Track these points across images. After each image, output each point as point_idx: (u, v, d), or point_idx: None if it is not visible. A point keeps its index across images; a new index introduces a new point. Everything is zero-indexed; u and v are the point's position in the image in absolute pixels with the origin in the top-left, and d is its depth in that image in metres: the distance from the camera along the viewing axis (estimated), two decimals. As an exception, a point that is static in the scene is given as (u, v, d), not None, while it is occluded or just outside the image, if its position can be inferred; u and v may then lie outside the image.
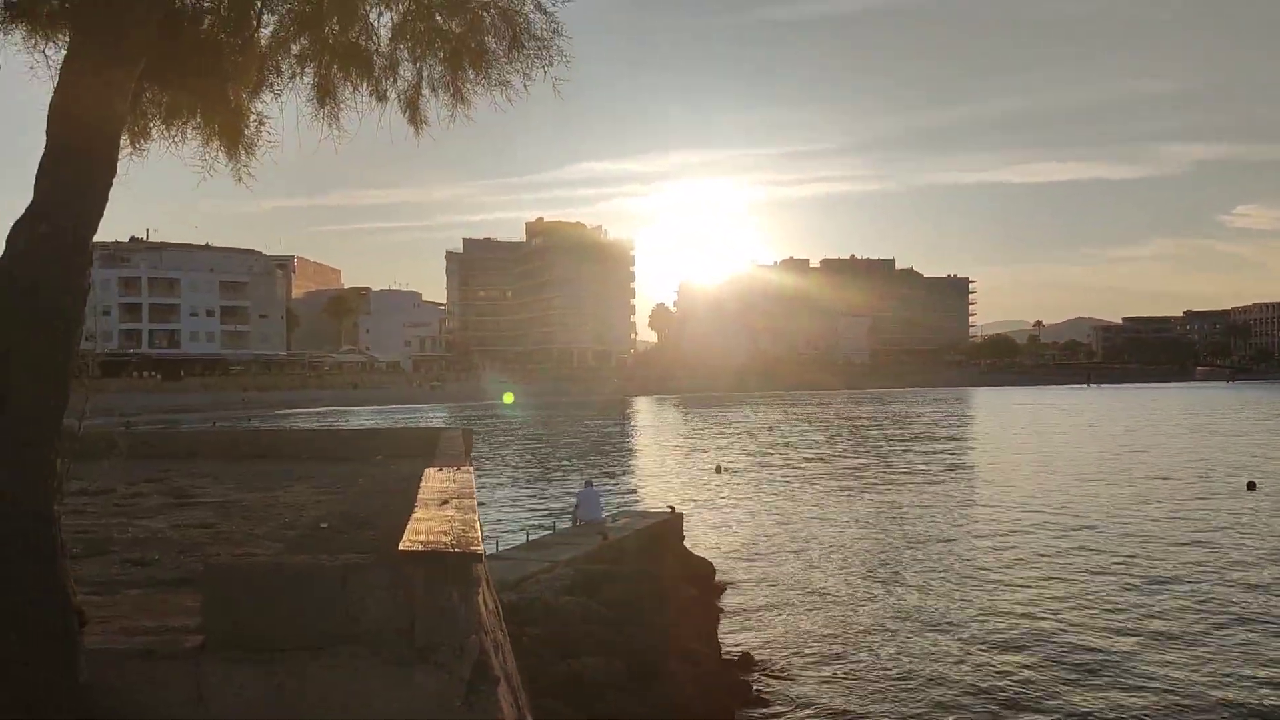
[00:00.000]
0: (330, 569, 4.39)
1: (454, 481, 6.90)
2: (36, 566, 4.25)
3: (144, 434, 23.03)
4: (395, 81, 6.92)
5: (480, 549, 4.47)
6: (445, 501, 5.84)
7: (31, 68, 6.14)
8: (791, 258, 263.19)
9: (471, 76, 6.66)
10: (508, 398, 34.69)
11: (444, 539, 4.59)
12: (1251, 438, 67.96)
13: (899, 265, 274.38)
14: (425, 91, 6.85)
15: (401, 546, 4.45)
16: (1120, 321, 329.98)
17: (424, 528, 4.91)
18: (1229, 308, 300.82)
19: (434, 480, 7.09)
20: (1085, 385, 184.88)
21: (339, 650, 4.33)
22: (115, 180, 5.07)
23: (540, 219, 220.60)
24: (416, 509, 5.66)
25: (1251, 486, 40.20)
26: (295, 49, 6.93)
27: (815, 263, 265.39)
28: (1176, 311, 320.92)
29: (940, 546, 28.42)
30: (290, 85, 7.07)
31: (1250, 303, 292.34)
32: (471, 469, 7.95)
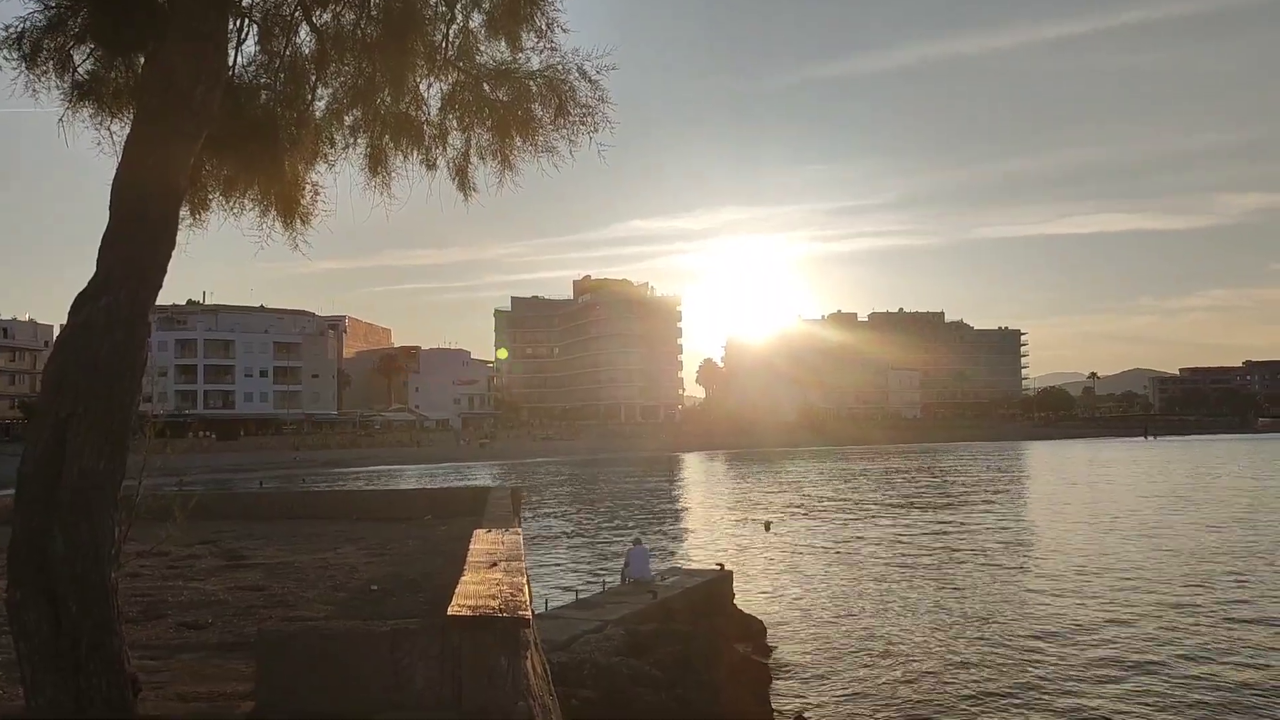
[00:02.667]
0: (379, 635, 4.41)
1: (503, 543, 6.90)
2: (94, 636, 4.31)
3: (199, 494, 23.36)
4: (445, 150, 7.10)
5: (528, 613, 4.46)
6: (494, 564, 5.85)
7: (99, 144, 6.39)
8: (840, 311, 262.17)
9: (519, 144, 6.80)
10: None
11: (492, 603, 4.59)
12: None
13: (949, 318, 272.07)
14: (474, 159, 7.01)
15: (450, 611, 4.46)
16: (1177, 373, 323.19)
17: (472, 591, 4.91)
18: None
19: (482, 542, 7.10)
20: (1143, 438, 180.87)
21: (388, 716, 4.32)
22: (177, 249, 5.23)
23: (587, 277, 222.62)
24: (465, 572, 5.67)
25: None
26: (348, 120, 7.15)
27: (864, 316, 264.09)
28: (1235, 362, 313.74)
29: (995, 609, 27.75)
30: (344, 155, 7.28)
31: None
32: (520, 530, 7.96)
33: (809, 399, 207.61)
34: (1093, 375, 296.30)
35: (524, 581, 5.20)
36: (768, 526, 48.39)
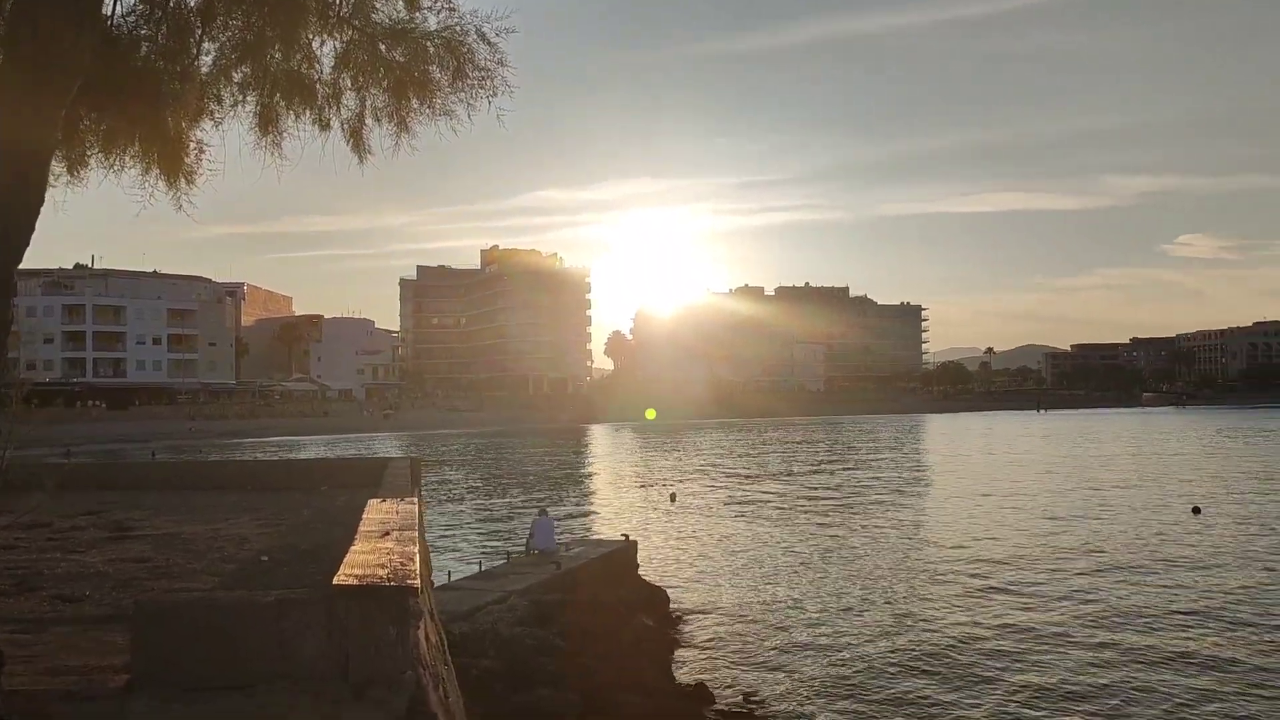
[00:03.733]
0: (263, 605, 4.31)
1: (397, 513, 6.81)
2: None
3: (79, 464, 22.54)
4: (338, 110, 6.91)
5: (417, 582, 4.40)
6: (386, 533, 5.76)
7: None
8: (747, 285, 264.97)
9: (415, 106, 6.66)
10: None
11: (381, 572, 4.53)
12: (1197, 462, 69.32)
13: (853, 293, 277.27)
14: (369, 120, 6.85)
15: (336, 581, 4.38)
16: (1069, 349, 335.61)
17: (361, 561, 4.83)
18: (1173, 335, 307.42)
19: (376, 512, 7.00)
20: (1035, 411, 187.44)
21: (272, 687, 4.23)
22: (55, 207, 4.99)
23: (495, 246, 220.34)
24: (355, 542, 5.58)
25: (1197, 511, 40.91)
26: (237, 77, 6.89)
27: (771, 290, 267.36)
28: (1123, 339, 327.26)
29: (894, 573, 28.55)
30: (232, 113, 7.02)
31: (1193, 330, 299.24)
32: (416, 500, 7.86)
33: (717, 371, 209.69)
34: (989, 350, 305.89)
35: (415, 551, 5.14)
36: (673, 498, 48.85)
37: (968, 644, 20.42)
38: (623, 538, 27.18)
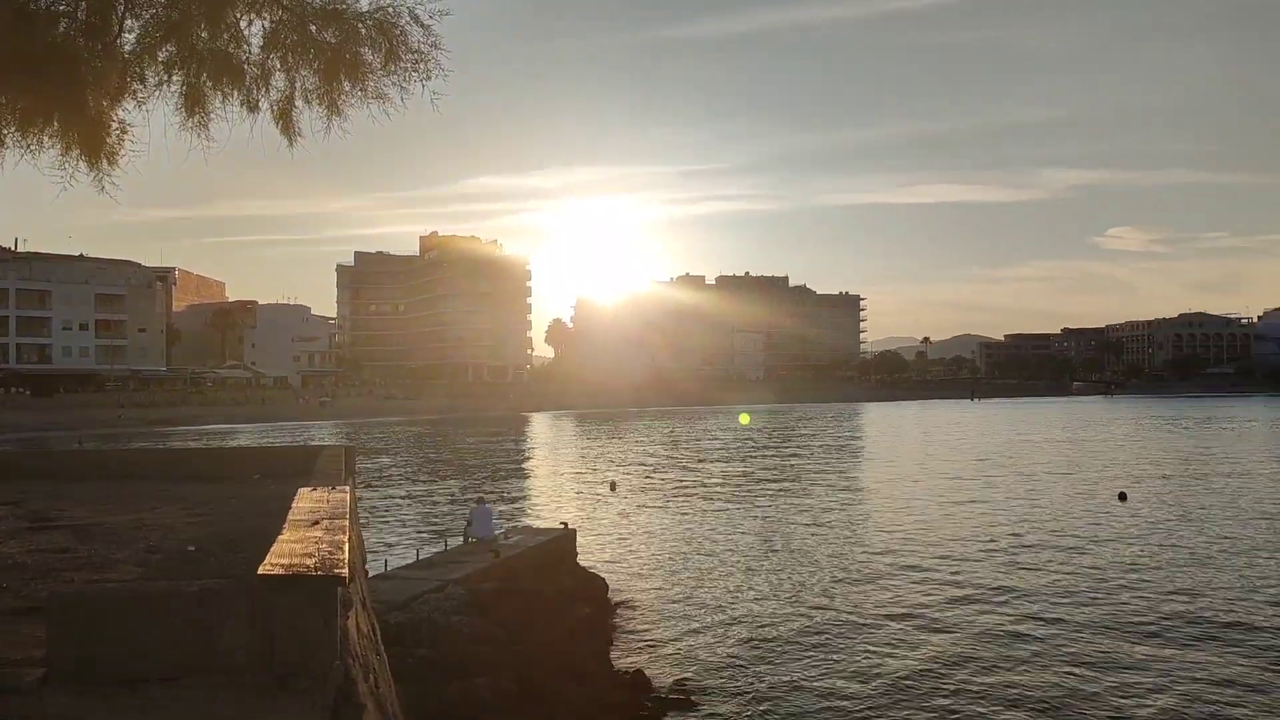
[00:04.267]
0: (185, 595, 4.23)
1: (328, 501, 6.72)
2: None
3: (4, 453, 21.87)
4: (267, 92, 6.75)
5: (345, 571, 4.35)
6: (316, 522, 5.68)
7: None
8: (688, 274, 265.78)
9: (347, 88, 6.53)
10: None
11: (308, 561, 4.46)
12: (1123, 450, 71.20)
13: (793, 282, 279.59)
14: (299, 103, 6.70)
15: (261, 570, 4.31)
16: (1003, 339, 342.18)
17: (288, 550, 4.76)
18: (1103, 325, 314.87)
19: (306, 500, 6.89)
20: (970, 400, 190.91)
21: (194, 680, 4.15)
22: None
23: (434, 233, 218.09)
24: (284, 530, 5.49)
25: (1123, 498, 42.02)
26: (161, 56, 6.70)
27: (711, 279, 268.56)
28: (1055, 329, 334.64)
29: (832, 559, 28.91)
30: (157, 93, 6.83)
31: (1122, 321, 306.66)
32: (348, 488, 7.76)
33: (658, 359, 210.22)
34: (925, 340, 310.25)
35: (345, 539, 5.08)
36: (613, 486, 48.92)
37: (899, 629, 20.77)
38: (562, 526, 27.16)
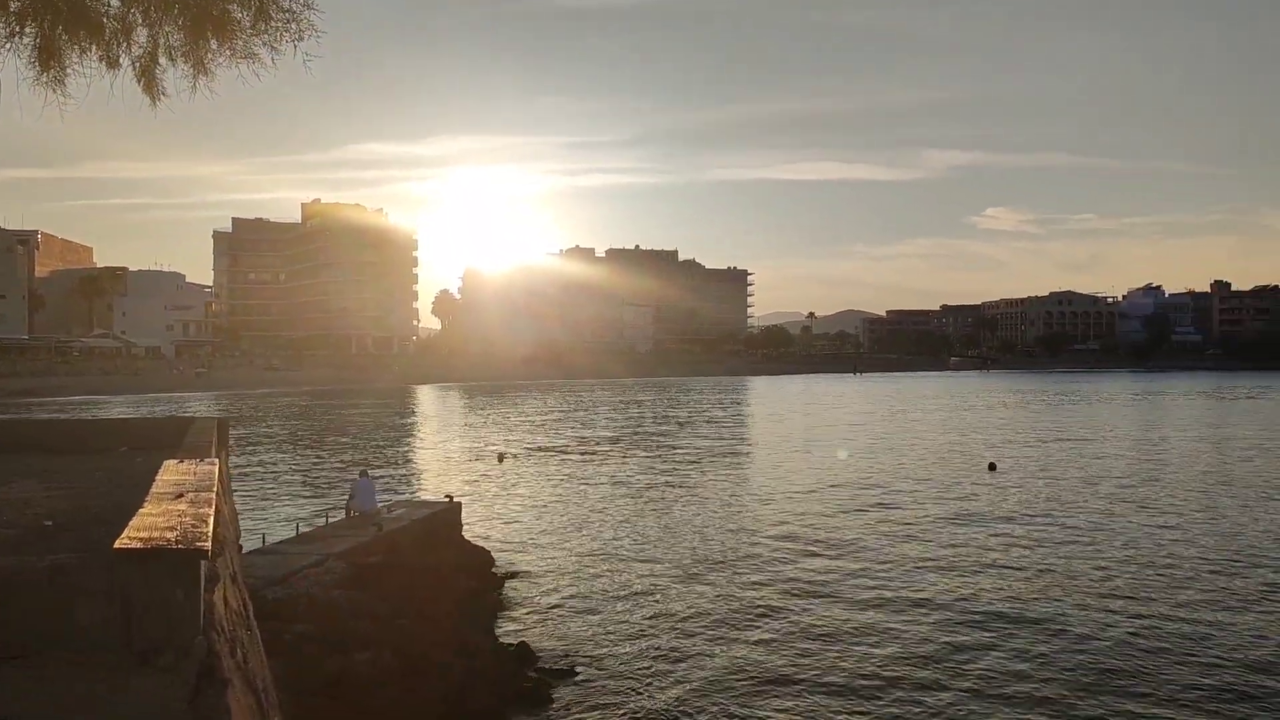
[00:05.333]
0: (35, 570, 4.06)
1: (194, 474, 6.51)
2: None
3: None
4: (129, 47, 6.44)
5: (208, 545, 4.23)
6: (180, 495, 5.51)
7: None
8: (578, 246, 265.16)
9: (214, 46, 6.28)
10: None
11: (169, 535, 4.33)
12: (995, 422, 74.17)
13: (682, 256, 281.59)
14: (162, 60, 6.41)
15: (117, 544, 4.16)
16: (885, 315, 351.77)
17: (149, 524, 4.61)
18: (979, 302, 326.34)
19: (172, 473, 6.67)
20: (853, 374, 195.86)
21: (46, 658, 4.00)
22: None
23: (317, 200, 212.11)
24: (146, 503, 5.31)
25: (992, 468, 43.84)
26: (13, 6, 6.33)
27: (601, 252, 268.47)
28: (934, 306, 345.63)
29: (716, 530, 29.41)
30: (8, 46, 6.45)
31: (997, 298, 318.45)
32: (217, 461, 7.53)
33: (547, 332, 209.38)
34: (811, 315, 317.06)
35: (210, 513, 4.94)
36: (501, 458, 48.70)
37: (779, 597, 21.29)
38: (447, 499, 26.96)
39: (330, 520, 23.95)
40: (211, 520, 4.77)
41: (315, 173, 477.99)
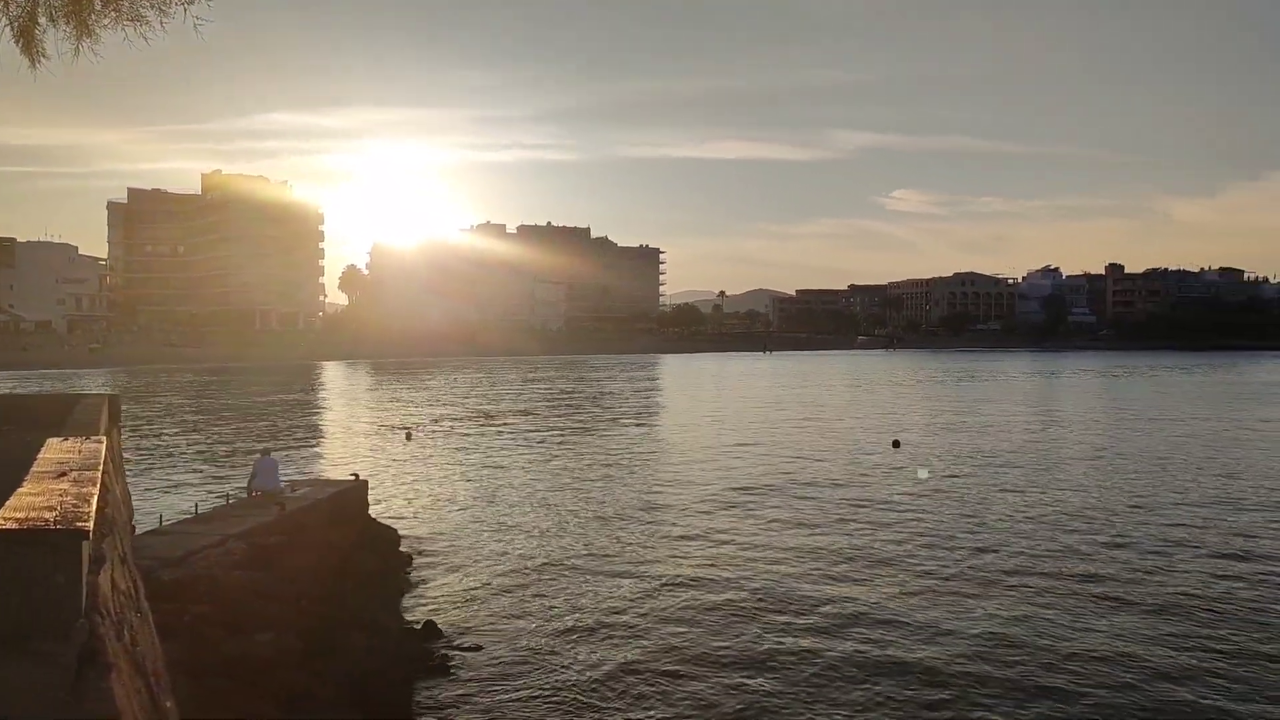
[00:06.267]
0: (-99, 554, 3.88)
1: (78, 452, 6.29)
2: None
3: None
4: (7, 6, 6.13)
5: (89, 525, 4.09)
6: (63, 474, 5.31)
7: None
8: (489, 222, 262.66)
9: (98, 7, 6.01)
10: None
11: (48, 515, 4.18)
12: (900, 400, 75.98)
13: (594, 234, 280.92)
14: (42, 20, 6.11)
15: (-8, 526, 4.00)
16: (794, 294, 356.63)
17: (26, 504, 4.44)
18: (885, 282, 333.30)
19: (54, 451, 6.43)
20: (763, 353, 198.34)
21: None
22: None
23: (218, 171, 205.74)
24: (25, 483, 5.11)
25: (896, 445, 44.90)
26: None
27: (512, 228, 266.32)
28: (842, 285, 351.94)
29: (625, 506, 29.54)
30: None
31: (903, 279, 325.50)
32: (105, 439, 7.27)
33: (458, 309, 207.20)
34: (721, 294, 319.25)
35: (95, 492, 4.77)
36: (409, 436, 48.14)
37: (687, 572, 21.51)
38: (353, 477, 26.53)
39: (231, 500, 23.39)
40: (96, 499, 4.62)
41: (216, 143, 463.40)
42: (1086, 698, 14.23)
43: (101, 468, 5.62)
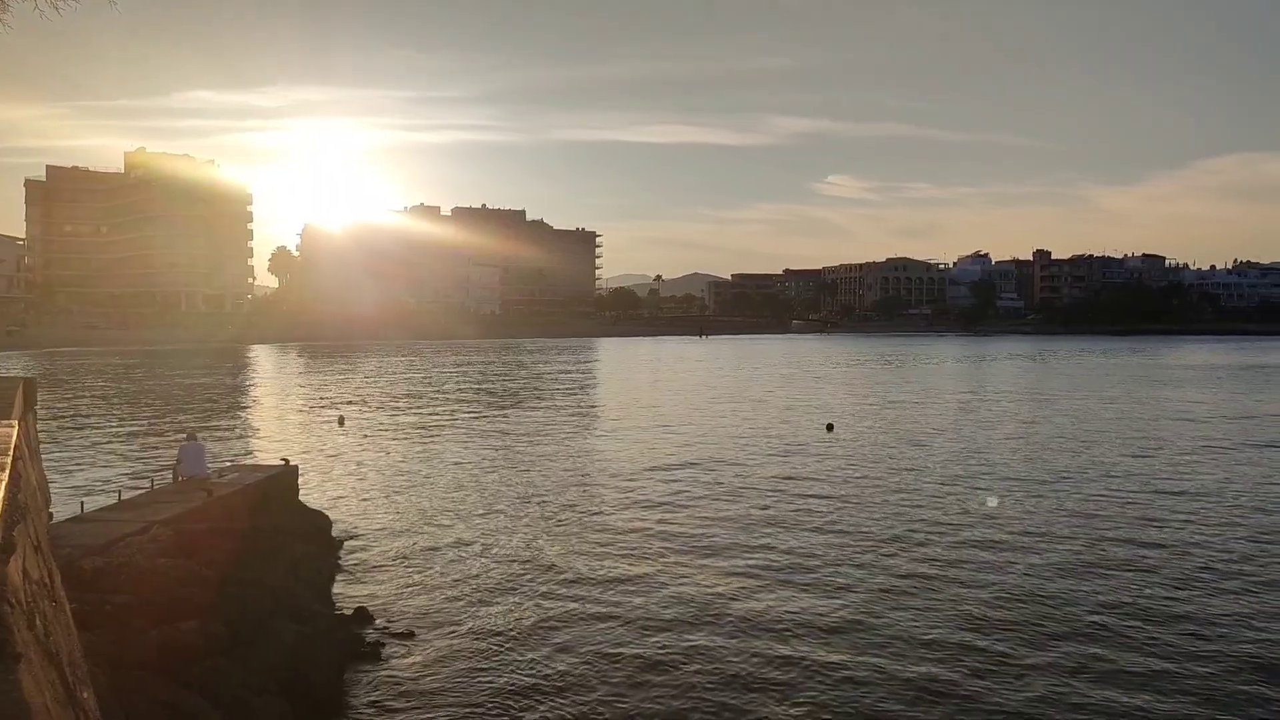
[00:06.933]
0: None
1: (-12, 437, 6.04)
2: None
3: None
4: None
5: (-6, 512, 3.92)
6: (-31, 460, 5.09)
7: None
8: (423, 204, 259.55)
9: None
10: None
11: (-49, 502, 3.99)
12: (834, 384, 76.87)
13: (530, 216, 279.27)
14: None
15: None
16: (730, 278, 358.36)
17: (-72, 491, 4.23)
18: (820, 267, 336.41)
19: (-38, 436, 6.16)
20: (699, 336, 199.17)
21: None
22: None
23: (142, 149, 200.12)
24: (-72, 470, 4.88)
25: (830, 428, 45.41)
26: None
27: (447, 210, 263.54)
28: (778, 270, 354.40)
29: (558, 491, 29.44)
30: None
31: (837, 264, 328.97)
32: (17, 423, 6.99)
33: (392, 291, 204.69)
34: (658, 278, 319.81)
35: (5, 478, 4.58)
36: (341, 421, 47.45)
37: (617, 556, 21.54)
38: (283, 462, 26.08)
39: (156, 486, 22.83)
40: (5, 485, 4.42)
41: (139, 120, 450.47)
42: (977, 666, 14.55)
43: (13, 454, 5.39)
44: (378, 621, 17.01)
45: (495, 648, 15.72)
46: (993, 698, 13.64)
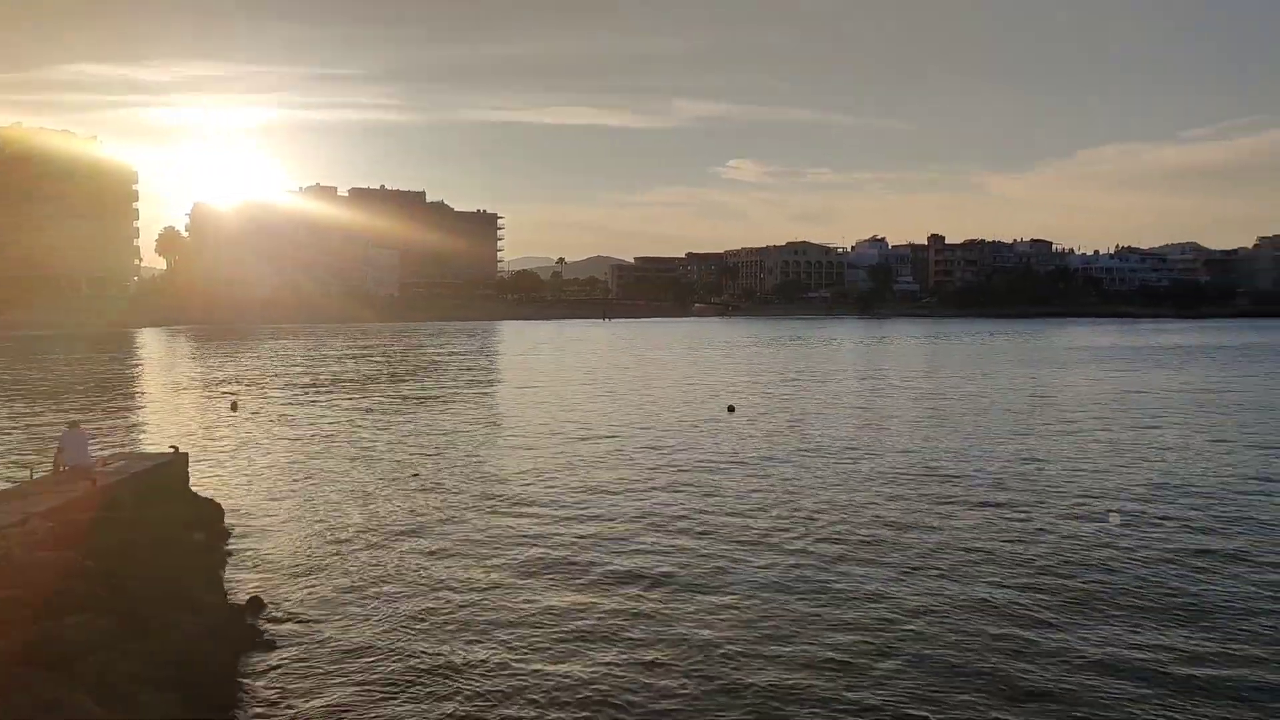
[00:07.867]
0: None
1: None
2: None
3: None
4: None
5: None
6: None
7: None
8: (319, 185, 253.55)
9: None
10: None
11: None
12: (735, 366, 77.86)
13: (430, 198, 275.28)
14: None
15: None
16: (633, 261, 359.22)
17: None
18: (722, 251, 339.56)
19: None
20: (602, 320, 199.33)
21: None
22: None
23: (17, 124, 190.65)
24: None
25: (731, 410, 46.00)
26: None
27: (344, 191, 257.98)
28: (680, 253, 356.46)
29: (457, 476, 29.20)
30: None
31: (739, 247, 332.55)
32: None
33: (287, 273, 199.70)
34: (561, 260, 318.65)
35: None
36: (234, 406, 46.26)
37: (515, 541, 21.52)
38: (172, 450, 25.31)
39: (36, 476, 21.94)
40: None
41: (15, 93, 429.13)
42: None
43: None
44: (271, 610, 16.69)
45: (390, 634, 15.57)
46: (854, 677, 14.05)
